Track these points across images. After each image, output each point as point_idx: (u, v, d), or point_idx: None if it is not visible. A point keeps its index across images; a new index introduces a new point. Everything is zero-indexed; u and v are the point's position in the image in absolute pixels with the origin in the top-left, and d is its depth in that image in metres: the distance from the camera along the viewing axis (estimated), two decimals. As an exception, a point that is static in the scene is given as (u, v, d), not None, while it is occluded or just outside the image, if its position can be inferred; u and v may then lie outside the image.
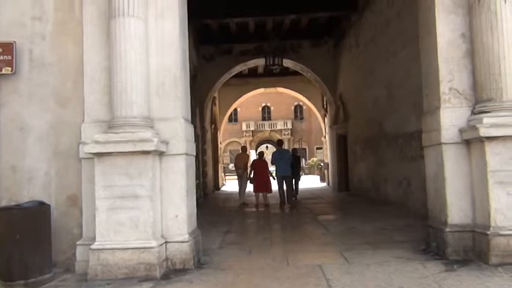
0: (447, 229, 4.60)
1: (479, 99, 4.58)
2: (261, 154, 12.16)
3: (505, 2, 4.42)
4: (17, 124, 4.80)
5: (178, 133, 4.61)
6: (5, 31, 4.80)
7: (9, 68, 4.70)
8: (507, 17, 4.41)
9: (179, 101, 4.69)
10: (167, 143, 4.53)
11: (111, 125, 4.44)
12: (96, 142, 4.30)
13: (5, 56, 4.70)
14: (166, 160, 4.54)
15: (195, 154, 5.14)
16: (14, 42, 4.73)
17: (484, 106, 4.49)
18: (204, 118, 15.51)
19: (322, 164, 23.66)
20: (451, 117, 4.67)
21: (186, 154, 4.65)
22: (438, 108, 4.74)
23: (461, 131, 4.61)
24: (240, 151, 13.72)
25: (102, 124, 4.57)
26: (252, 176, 11.37)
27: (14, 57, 4.71)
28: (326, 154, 19.61)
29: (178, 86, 4.69)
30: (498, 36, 4.41)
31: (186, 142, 4.65)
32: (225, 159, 39.01)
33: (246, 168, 12.17)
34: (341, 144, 15.09)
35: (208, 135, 16.71)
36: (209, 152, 16.75)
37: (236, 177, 13.08)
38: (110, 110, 4.55)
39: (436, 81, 4.77)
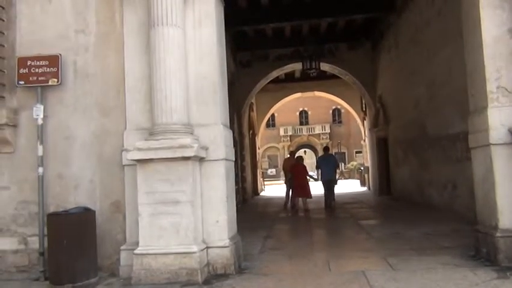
0: (498, 234, 4.38)
1: (530, 97, 4.35)
2: (299, 158, 12.36)
3: (556, -7, 4.20)
4: (62, 133, 4.97)
5: (217, 139, 4.64)
6: (51, 44, 5.00)
7: (56, 80, 4.89)
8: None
9: (217, 107, 4.73)
10: (207, 149, 4.57)
11: (152, 132, 4.53)
12: (138, 149, 4.39)
13: (51, 68, 4.89)
14: (206, 165, 4.58)
15: (234, 159, 5.16)
16: (60, 54, 4.92)
17: (536, 104, 4.27)
18: (242, 124, 15.59)
19: (362, 168, 23.23)
20: (499, 116, 4.45)
21: (226, 159, 4.68)
22: (485, 107, 4.54)
23: (510, 131, 4.38)
24: (288, 155, 13.95)
25: (143, 131, 4.67)
26: (291, 180, 11.49)
27: (60, 69, 4.89)
28: (366, 158, 19.23)
29: (217, 92, 4.73)
30: (549, 30, 4.19)
31: (225, 147, 4.67)
32: (264, 164, 39.10)
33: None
34: (381, 148, 14.77)
35: (247, 141, 16.78)
36: (247, 158, 16.80)
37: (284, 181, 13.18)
38: (150, 118, 4.64)
39: (483, 79, 4.57)
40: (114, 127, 4.91)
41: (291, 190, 11.91)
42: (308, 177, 11.59)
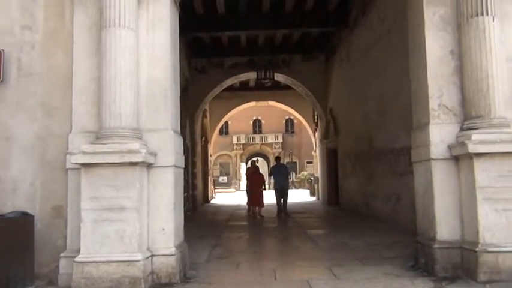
0: (436, 245, 4.58)
1: (468, 116, 4.60)
2: (257, 168, 13.10)
3: (493, 20, 4.49)
4: (2, 133, 4.72)
5: (167, 145, 4.56)
6: (-6, 39, 4.75)
7: (-3, 76, 4.64)
8: (495, 34, 4.48)
9: (169, 112, 4.66)
10: (155, 155, 4.48)
11: (99, 135, 4.38)
12: (84, 153, 4.24)
13: (-8, 64, 4.64)
14: (155, 172, 4.49)
15: (183, 166, 5.09)
16: (3, 50, 4.68)
17: (473, 123, 4.52)
18: (195, 130, 15.47)
19: (312, 178, 23.66)
20: (440, 133, 4.68)
21: (175, 166, 4.61)
22: (427, 124, 4.76)
23: (450, 147, 4.62)
24: (250, 165, 14.78)
25: (90, 135, 4.51)
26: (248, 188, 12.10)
27: (2, 66, 4.66)
28: (316, 168, 19.62)
29: (168, 98, 4.66)
30: (486, 54, 4.47)
31: (175, 154, 4.60)
32: (215, 171, 38.89)
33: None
34: (331, 159, 15.12)
35: (199, 148, 16.65)
36: (199, 165, 16.67)
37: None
38: (98, 121, 4.49)
39: (426, 97, 4.80)
40: (59, 129, 4.71)
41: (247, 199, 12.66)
42: (263, 187, 12.30)
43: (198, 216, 12.65)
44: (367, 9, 10.55)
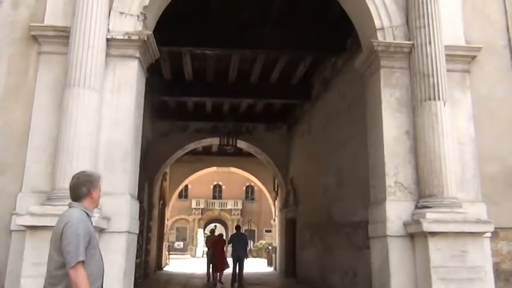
0: (392, 325, 4.50)
1: (423, 194, 4.74)
2: (221, 235, 13.48)
3: (444, 105, 4.80)
4: None
5: (123, 210, 4.41)
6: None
7: None
8: (447, 118, 4.76)
9: (127, 176, 4.56)
10: (109, 219, 4.30)
11: (50, 196, 4.19)
12: (31, 214, 4.02)
13: None
14: (106, 237, 4.28)
15: (137, 232, 4.90)
16: (-42, 102, 4.54)
17: (427, 201, 4.65)
18: (153, 193, 15.12)
19: (270, 248, 23.26)
20: (396, 210, 4.78)
21: (129, 232, 4.42)
22: (384, 200, 4.86)
23: (405, 224, 4.70)
24: (210, 233, 15.10)
25: (40, 195, 4.31)
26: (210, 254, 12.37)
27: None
28: (275, 237, 19.37)
29: (128, 161, 4.58)
30: (439, 136, 4.71)
31: (129, 219, 4.44)
32: (171, 236, 37.62)
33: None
34: (290, 229, 15.01)
35: (156, 211, 16.18)
36: (154, 229, 16.10)
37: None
38: (51, 181, 4.32)
39: (383, 174, 4.94)
40: (8, 187, 4.49)
41: (211, 265, 12.88)
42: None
43: (149, 284, 12.00)
44: (328, 85, 11.05)
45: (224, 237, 13.98)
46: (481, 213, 4.76)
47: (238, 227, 14.30)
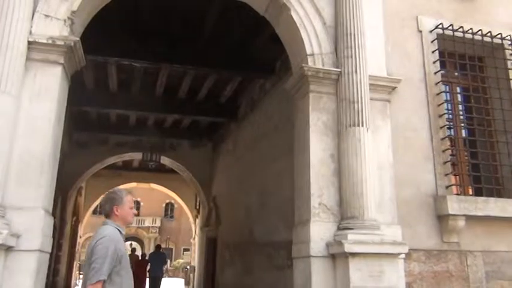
0: None
1: (345, 216, 4.91)
2: (144, 255, 12.97)
3: (367, 131, 5.05)
4: None
5: (35, 226, 4.04)
6: None
7: None
8: (369, 144, 5.01)
9: (42, 189, 4.21)
10: (18, 237, 3.92)
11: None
12: None
13: None
14: (14, 257, 3.89)
15: (50, 251, 4.52)
16: None
17: (349, 223, 4.82)
18: (66, 209, 14.18)
19: (188, 267, 22.78)
20: (319, 231, 4.88)
21: (40, 251, 4.06)
22: (308, 221, 4.96)
23: (328, 245, 4.82)
24: (130, 252, 14.27)
25: None
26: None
27: None
28: (194, 256, 19.00)
29: (44, 173, 4.24)
30: (361, 160, 4.93)
31: (42, 237, 4.08)
32: (83, 255, 35.47)
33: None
34: (210, 248, 14.81)
35: (68, 228, 15.17)
36: (65, 247, 15.07)
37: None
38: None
39: (308, 195, 5.05)
40: None
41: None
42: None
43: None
44: (255, 106, 11.22)
45: (141, 257, 13.43)
46: (397, 235, 5.02)
47: (158, 246, 14.01)
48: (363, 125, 5.02)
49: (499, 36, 6.13)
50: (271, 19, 5.91)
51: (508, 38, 6.16)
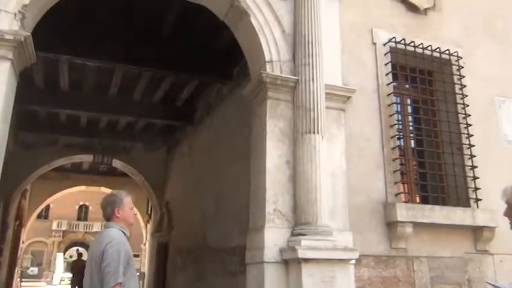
0: None
1: (299, 222, 4.97)
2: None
3: (322, 138, 5.15)
4: None
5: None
6: None
7: None
8: (324, 151, 5.10)
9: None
10: (-44, 241, 3.69)
11: None
12: None
13: None
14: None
15: (-9, 256, 4.27)
16: None
17: (302, 229, 4.87)
18: (9, 212, 13.47)
19: (137, 274, 22.20)
20: (273, 236, 4.91)
21: (-20, 256, 3.83)
22: (263, 227, 4.97)
23: (281, 251, 4.85)
24: (77, 257, 13.58)
25: None
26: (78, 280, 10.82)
27: None
28: (144, 263, 18.57)
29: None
30: (316, 167, 5.01)
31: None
32: (25, 261, 33.76)
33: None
34: (161, 254, 14.53)
35: (10, 233, 14.42)
36: (6, 253, 14.30)
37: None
38: None
39: (263, 201, 5.07)
40: None
41: None
42: None
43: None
44: (212, 111, 11.17)
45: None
46: (348, 241, 5.14)
47: None
48: (318, 133, 5.12)
49: (447, 52, 6.45)
50: (231, 24, 5.92)
51: (455, 54, 6.50)
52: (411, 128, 6.38)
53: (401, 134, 6.08)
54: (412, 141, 6.32)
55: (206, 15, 6.21)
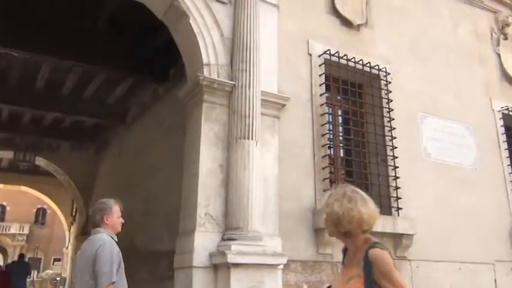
0: None
1: (229, 226, 4.97)
2: (7, 265, 11.71)
3: (256, 144, 5.20)
4: None
5: None
6: None
7: None
8: (257, 157, 5.15)
9: None
10: None
11: None
12: None
13: None
14: None
15: None
16: None
17: (233, 233, 4.88)
18: None
19: (58, 279, 21.07)
20: (204, 241, 4.87)
21: None
22: (193, 231, 4.92)
23: (211, 255, 4.82)
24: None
25: None
26: None
27: None
28: (66, 267, 17.64)
29: None
30: (249, 173, 5.05)
31: None
32: None
33: None
34: (85, 258, 13.88)
35: None
36: None
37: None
38: None
39: (194, 205, 5.02)
40: None
41: None
42: None
43: None
44: (146, 111, 10.89)
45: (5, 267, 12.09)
46: (277, 247, 5.22)
47: (22, 255, 12.81)
48: (252, 139, 5.16)
49: (376, 67, 6.79)
50: (170, 24, 5.84)
51: (384, 69, 6.86)
52: (341, 138, 6.63)
53: (331, 143, 6.30)
54: (342, 151, 6.57)
55: (145, 14, 6.07)
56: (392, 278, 2.26)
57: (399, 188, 6.39)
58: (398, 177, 6.43)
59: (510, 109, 8.29)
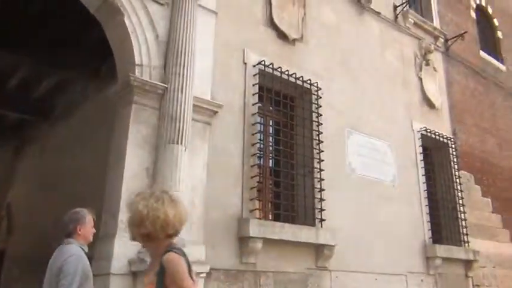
0: None
1: (152, 233, 4.83)
2: None
3: (185, 150, 5.12)
4: None
5: None
6: None
7: None
8: (186, 163, 5.08)
9: None
10: None
11: None
12: None
13: None
14: None
15: None
16: None
17: (155, 240, 4.75)
18: None
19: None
20: (124, 247, 4.68)
21: None
22: (113, 236, 4.73)
23: (130, 262, 4.65)
24: None
25: None
26: None
27: None
28: (-28, 272, 16.23)
29: None
30: (176, 178, 4.95)
31: None
32: None
33: None
34: (-4, 262, 12.88)
35: None
36: None
37: None
38: None
39: (117, 209, 4.83)
40: None
41: None
42: None
43: None
44: (74, 109, 10.38)
45: None
46: (201, 255, 5.15)
47: None
48: (181, 144, 5.08)
49: (308, 81, 6.99)
50: (103, 20, 5.62)
51: (315, 84, 7.08)
52: (271, 148, 6.72)
53: (261, 153, 6.37)
54: (271, 161, 6.66)
55: (77, 8, 5.80)
56: (182, 284, 2.13)
57: (324, 200, 6.58)
58: (323, 190, 6.63)
59: (428, 130, 8.90)
